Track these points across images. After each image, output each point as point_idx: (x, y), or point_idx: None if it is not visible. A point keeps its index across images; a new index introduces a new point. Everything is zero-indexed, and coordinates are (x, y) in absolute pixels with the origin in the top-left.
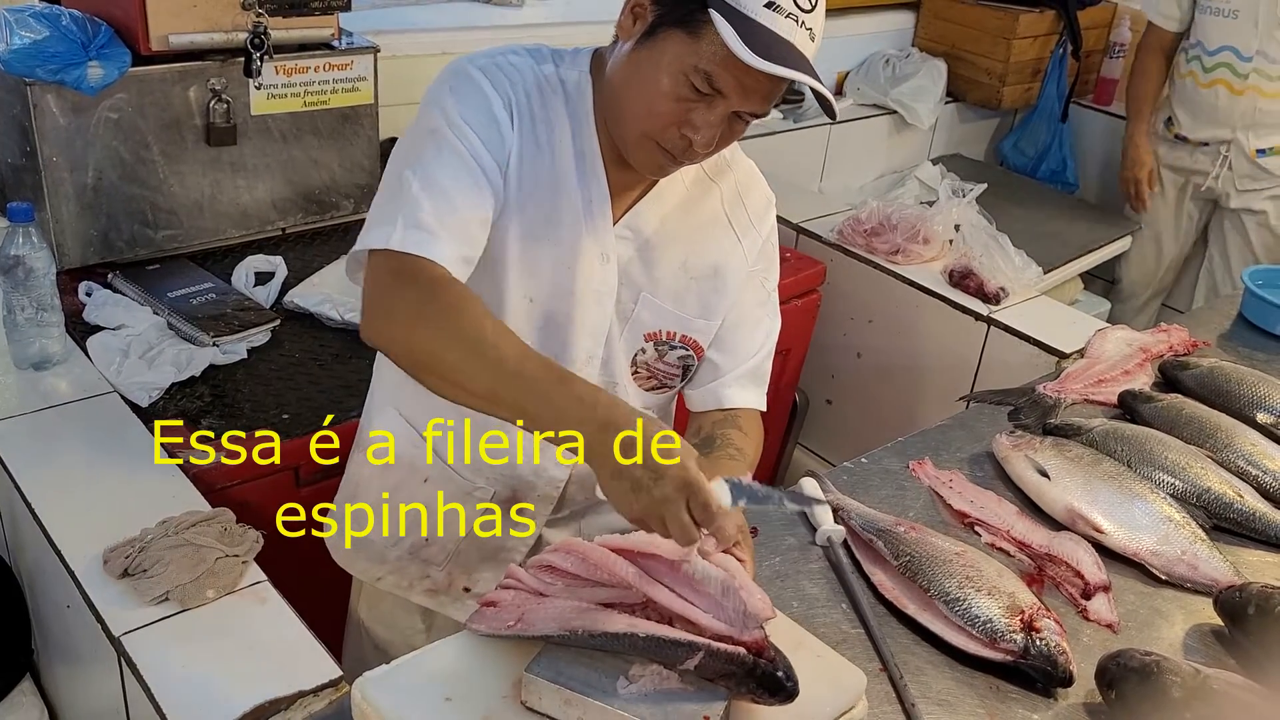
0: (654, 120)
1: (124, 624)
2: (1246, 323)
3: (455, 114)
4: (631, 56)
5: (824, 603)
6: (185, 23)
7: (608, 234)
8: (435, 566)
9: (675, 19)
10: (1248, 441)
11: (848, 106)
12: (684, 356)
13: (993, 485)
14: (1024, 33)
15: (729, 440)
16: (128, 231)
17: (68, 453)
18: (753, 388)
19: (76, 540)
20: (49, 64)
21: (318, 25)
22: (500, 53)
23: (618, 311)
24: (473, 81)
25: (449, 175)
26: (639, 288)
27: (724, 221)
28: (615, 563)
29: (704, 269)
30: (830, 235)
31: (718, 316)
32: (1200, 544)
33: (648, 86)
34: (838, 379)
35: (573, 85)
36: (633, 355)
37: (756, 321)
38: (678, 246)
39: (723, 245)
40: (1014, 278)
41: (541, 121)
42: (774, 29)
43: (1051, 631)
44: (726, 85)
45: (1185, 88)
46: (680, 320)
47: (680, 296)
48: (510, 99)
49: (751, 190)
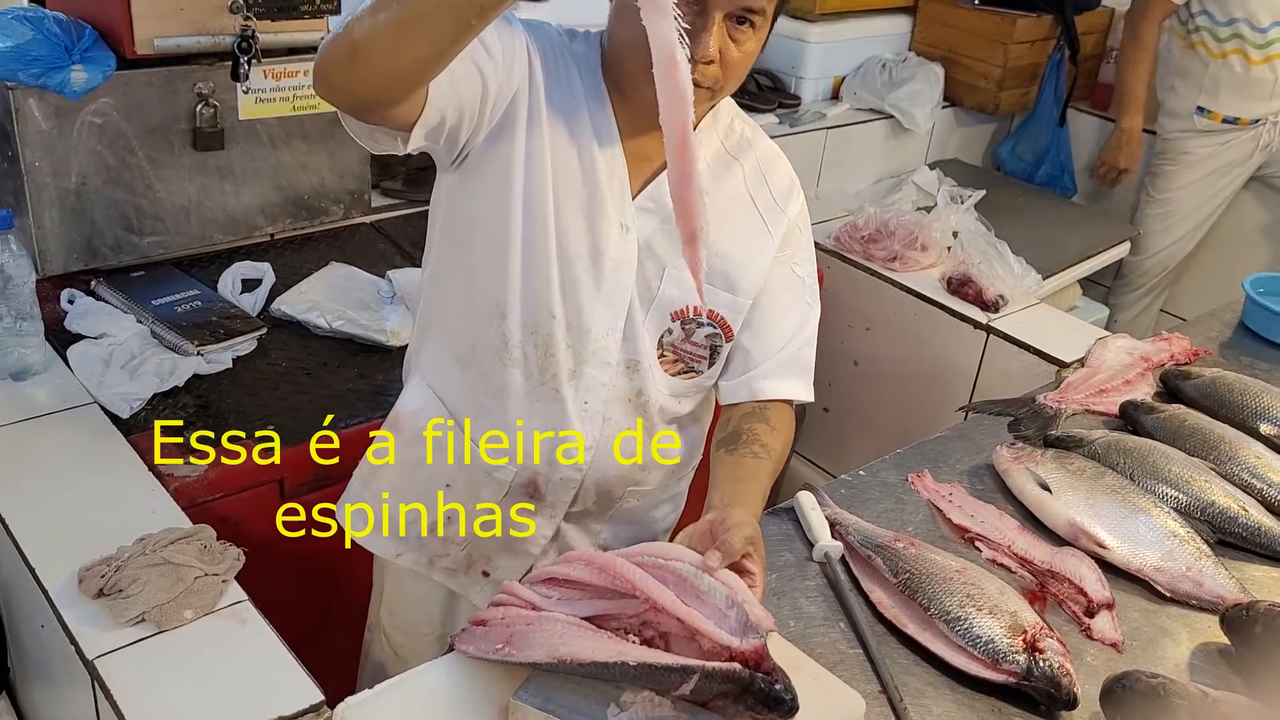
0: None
1: (98, 646)
2: (1248, 331)
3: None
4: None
5: (821, 621)
6: (171, 26)
7: (626, 204)
8: (455, 545)
9: None
10: (1252, 453)
11: (844, 111)
12: (711, 335)
13: (993, 498)
14: (1021, 37)
15: (755, 436)
16: (112, 237)
17: (45, 467)
18: (790, 378)
19: (51, 558)
20: (31, 67)
21: (307, 28)
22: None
23: (641, 288)
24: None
25: None
26: (663, 262)
27: (748, 200)
28: (621, 565)
29: (729, 247)
30: (827, 242)
31: (744, 295)
32: (1205, 560)
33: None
34: (835, 387)
35: (584, 59)
36: (659, 337)
37: (789, 306)
38: None
39: (747, 224)
40: (1013, 285)
41: (564, 84)
42: None
43: (1055, 652)
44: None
45: (1228, 69)
46: (708, 293)
47: (706, 270)
48: (539, 45)
49: (774, 171)
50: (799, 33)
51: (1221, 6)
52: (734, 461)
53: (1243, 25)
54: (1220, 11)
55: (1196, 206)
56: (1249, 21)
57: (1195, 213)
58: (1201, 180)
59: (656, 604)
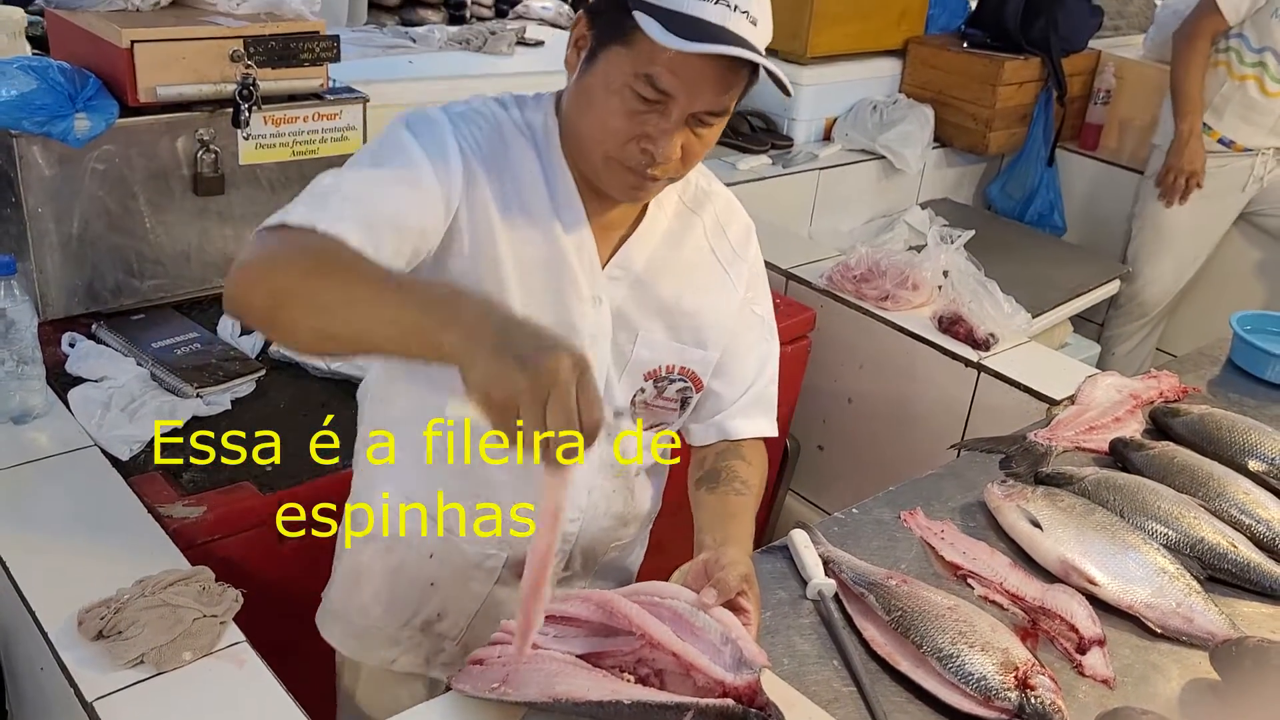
0: (611, 139)
1: (97, 688)
2: (1236, 368)
3: (399, 137)
4: (580, 84)
5: (815, 659)
6: (173, 74)
7: (598, 276)
8: (450, 640)
9: (610, 35)
10: (1240, 490)
11: (836, 151)
12: (683, 389)
13: (985, 536)
14: (1009, 79)
15: (734, 474)
16: (112, 281)
17: (45, 509)
18: (758, 416)
19: (51, 600)
20: (36, 115)
21: (307, 76)
22: (462, 101)
23: (615, 354)
24: (429, 119)
25: (374, 184)
26: (635, 328)
27: (709, 254)
28: (618, 601)
29: (695, 304)
30: (820, 281)
31: (714, 348)
32: (1195, 596)
33: (598, 107)
34: (829, 425)
35: (539, 128)
36: (631, 397)
37: (751, 347)
38: (668, 280)
39: (711, 278)
40: (1003, 324)
41: (509, 168)
42: (703, 16)
43: (1046, 689)
44: (670, 84)
45: (1242, 91)
46: (678, 351)
47: (675, 328)
48: (471, 142)
49: (732, 220)
50: (791, 75)
51: (1258, 33)
52: (718, 500)
53: (1269, 55)
54: (1255, 38)
55: (1190, 232)
56: (1275, 53)
57: (1189, 239)
58: (1193, 204)
59: (652, 639)
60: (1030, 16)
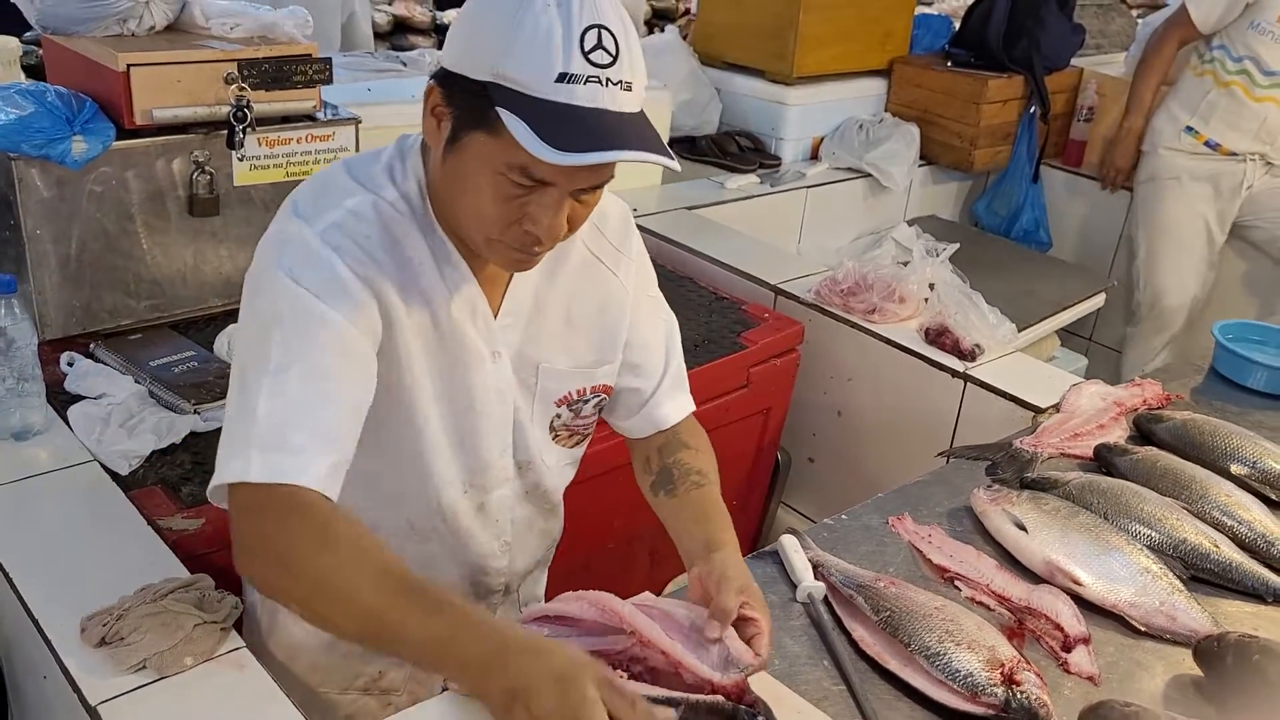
0: (491, 225)
1: (100, 693)
2: (1218, 376)
3: (302, 299)
4: (446, 164)
5: (805, 660)
6: (169, 97)
7: (492, 330)
8: (396, 694)
9: (473, 122)
10: (1222, 493)
11: (823, 170)
12: (599, 402)
13: (971, 539)
14: (993, 97)
15: (686, 468)
16: (110, 301)
17: (47, 522)
18: (680, 395)
19: (54, 609)
20: (34, 139)
21: (300, 98)
22: (333, 199)
23: (523, 394)
24: (317, 260)
25: (300, 375)
26: (536, 362)
27: (594, 262)
28: (612, 600)
29: (587, 313)
30: (808, 295)
31: (616, 353)
32: (1178, 595)
33: (471, 193)
34: (819, 437)
35: (415, 199)
36: (549, 423)
37: (654, 330)
38: (556, 304)
39: (598, 283)
40: (988, 334)
41: (400, 260)
42: (574, 103)
43: (1032, 684)
44: (547, 173)
45: (1229, 97)
46: (584, 374)
47: (573, 351)
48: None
49: (607, 218)
50: (778, 96)
51: (1237, 44)
52: (681, 503)
53: (1249, 63)
54: (1235, 48)
55: (1195, 234)
56: (1256, 61)
57: (1196, 241)
58: (1188, 202)
59: (643, 637)
60: (1013, 36)
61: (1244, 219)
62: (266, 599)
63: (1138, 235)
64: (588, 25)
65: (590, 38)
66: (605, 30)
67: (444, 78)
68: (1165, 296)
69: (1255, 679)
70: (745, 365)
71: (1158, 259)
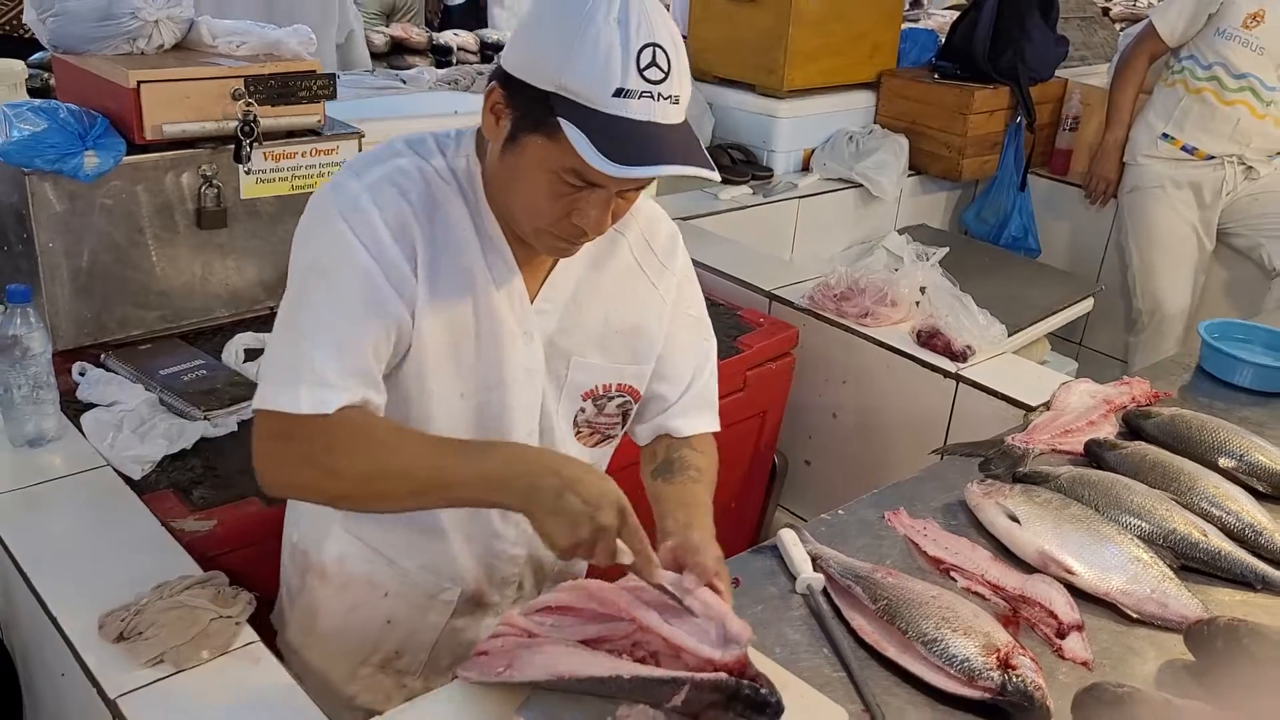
0: (541, 217)
1: (119, 686)
2: (1205, 374)
3: (345, 246)
4: (504, 159)
5: (806, 648)
6: (178, 113)
7: (527, 312)
8: (411, 676)
9: (532, 125)
10: (1210, 484)
11: (815, 181)
12: (623, 404)
13: (966, 532)
14: (980, 108)
15: (687, 462)
16: (120, 312)
17: (62, 524)
18: (701, 413)
19: (72, 607)
20: (47, 154)
21: (305, 113)
22: (383, 158)
23: (551, 382)
24: (360, 210)
25: (342, 316)
26: (568, 354)
27: (637, 271)
28: (609, 589)
29: (626, 322)
30: (801, 301)
31: (649, 361)
32: (1169, 583)
33: (526, 188)
34: (815, 440)
35: (463, 174)
36: (573, 417)
37: (688, 348)
38: (597, 303)
39: (640, 295)
40: (979, 336)
41: (440, 222)
42: (629, 116)
43: (1027, 668)
44: (598, 178)
45: (1201, 102)
46: (614, 370)
47: (608, 348)
48: (402, 214)
49: (656, 233)
50: (769, 109)
51: (1206, 52)
52: (675, 489)
53: (1219, 69)
54: (1203, 56)
55: (1181, 241)
56: (1226, 66)
57: (1183, 247)
58: (1174, 210)
59: (642, 624)
60: (998, 48)
61: (1226, 225)
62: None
63: (1129, 245)
64: (644, 44)
65: (646, 55)
66: (659, 49)
67: (505, 80)
68: (1165, 304)
69: (1245, 661)
70: (742, 369)
71: (1152, 267)
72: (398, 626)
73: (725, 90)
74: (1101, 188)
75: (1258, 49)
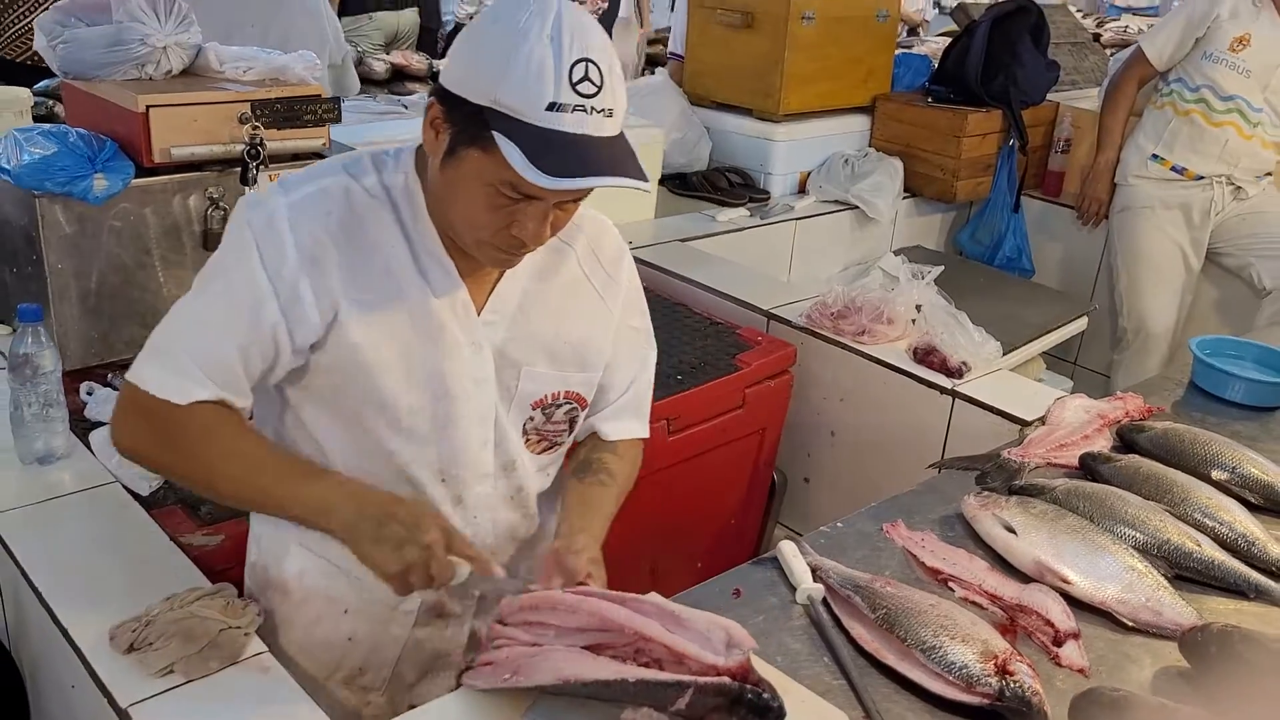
0: (481, 229)
1: (130, 696)
2: (1197, 390)
3: (247, 258)
4: (443, 173)
5: (806, 657)
6: (186, 136)
7: (474, 324)
8: (375, 692)
9: (469, 139)
10: (1204, 496)
11: (811, 203)
12: (570, 410)
13: (963, 544)
14: (973, 131)
15: (603, 465)
16: (127, 333)
17: (73, 539)
18: (631, 418)
19: (82, 619)
20: (57, 177)
21: (310, 136)
22: (313, 177)
23: (501, 391)
24: (273, 229)
25: (222, 320)
26: (518, 364)
27: (585, 283)
28: (607, 609)
29: (574, 332)
30: (799, 319)
31: (597, 369)
32: (1163, 591)
33: (465, 201)
34: (814, 457)
35: (400, 191)
36: (522, 427)
37: (629, 359)
38: (545, 314)
39: (587, 306)
40: (974, 352)
41: (364, 240)
42: (562, 129)
43: (1025, 674)
44: (534, 190)
45: (1190, 124)
46: (561, 379)
47: (557, 358)
48: (317, 236)
49: (603, 245)
50: (765, 132)
51: (1194, 75)
52: (582, 490)
53: (1206, 91)
54: (1191, 79)
55: (1172, 258)
56: (1213, 89)
57: (1174, 264)
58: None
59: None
60: (990, 73)
61: (1216, 245)
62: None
63: (1117, 264)
64: (577, 59)
65: (578, 70)
66: (591, 63)
67: (444, 95)
68: (1149, 323)
69: (1239, 666)
70: (740, 386)
71: (1138, 287)
72: (359, 643)
73: (722, 115)
74: (1093, 208)
75: (1244, 72)
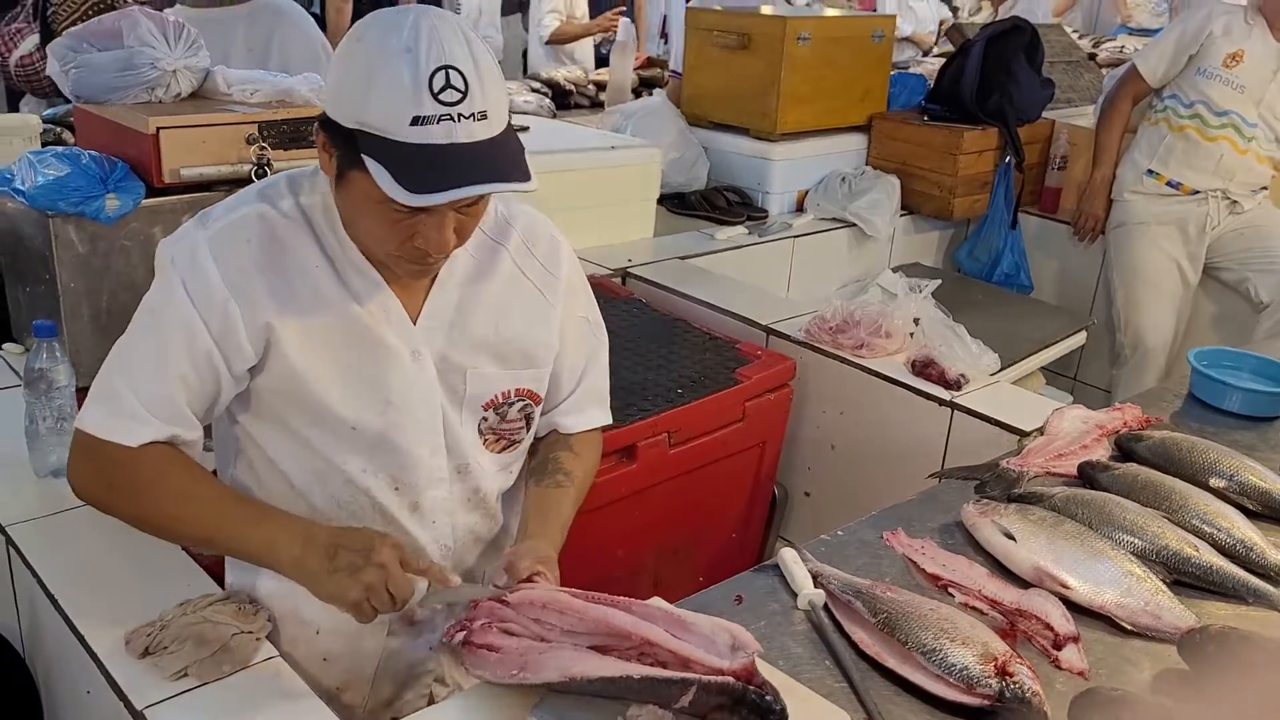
0: (386, 244)
1: (146, 699)
2: (1196, 400)
3: (173, 295)
4: (339, 196)
5: (808, 661)
6: (195, 157)
7: (411, 332)
8: (358, 709)
9: (348, 162)
10: (1202, 502)
11: (809, 221)
12: (524, 407)
13: (963, 551)
14: (969, 148)
15: (559, 465)
16: None
17: (87, 549)
18: (590, 408)
19: (98, 625)
20: (70, 197)
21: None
22: (231, 208)
23: (450, 397)
24: (196, 264)
25: (157, 358)
26: (462, 367)
27: (521, 279)
28: (613, 616)
29: (516, 331)
30: (798, 334)
31: (546, 364)
32: (1162, 595)
33: (363, 220)
34: (814, 471)
35: (318, 211)
36: (477, 427)
37: (578, 350)
38: (483, 314)
39: (527, 303)
40: (972, 364)
41: (287, 262)
42: (431, 141)
43: (1025, 675)
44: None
45: (1184, 140)
46: (510, 377)
47: (502, 356)
48: (241, 265)
49: (537, 239)
50: (763, 152)
51: (1188, 91)
52: (540, 494)
53: (1200, 107)
54: (1185, 95)
55: (1169, 273)
56: (1207, 104)
57: (1171, 279)
58: (1158, 245)
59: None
60: (985, 91)
61: (1213, 260)
62: None
63: (1114, 279)
64: (436, 68)
65: (439, 79)
66: (453, 69)
67: (324, 122)
68: (1146, 337)
69: (1237, 666)
70: (740, 400)
71: (1136, 302)
72: (335, 662)
73: (720, 134)
74: (1090, 224)
75: (1238, 87)
